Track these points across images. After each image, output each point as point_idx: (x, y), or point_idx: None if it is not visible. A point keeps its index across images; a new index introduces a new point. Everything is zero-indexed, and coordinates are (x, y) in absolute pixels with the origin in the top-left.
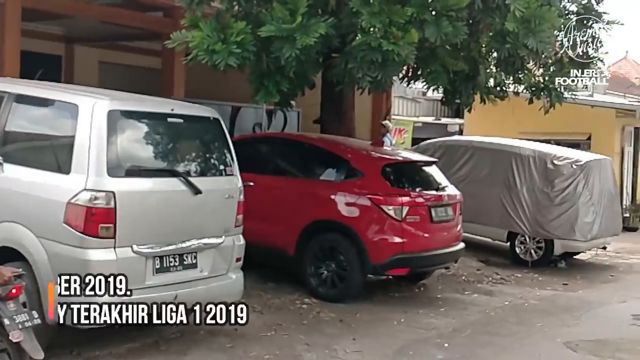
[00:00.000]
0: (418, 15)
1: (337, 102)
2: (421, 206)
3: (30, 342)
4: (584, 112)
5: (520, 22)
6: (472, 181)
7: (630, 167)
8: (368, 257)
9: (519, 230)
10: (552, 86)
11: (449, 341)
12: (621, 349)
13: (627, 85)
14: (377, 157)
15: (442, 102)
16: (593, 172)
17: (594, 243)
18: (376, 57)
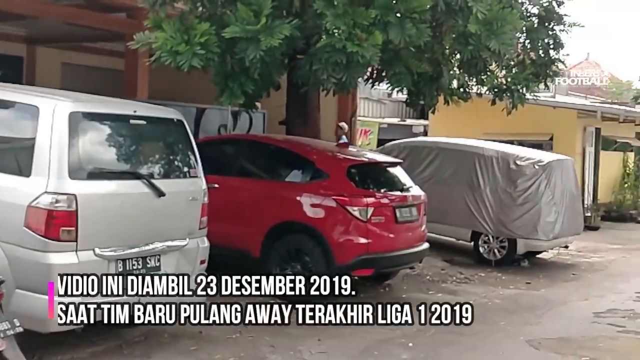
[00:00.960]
0: (382, 17)
1: (303, 104)
2: (386, 207)
3: (13, 350)
4: (546, 113)
5: (483, 24)
6: (436, 182)
7: (591, 167)
8: (333, 258)
9: (482, 230)
10: (514, 87)
11: (414, 341)
12: (583, 347)
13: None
14: (342, 159)
15: (406, 103)
16: (555, 172)
17: (556, 242)
18: (341, 58)
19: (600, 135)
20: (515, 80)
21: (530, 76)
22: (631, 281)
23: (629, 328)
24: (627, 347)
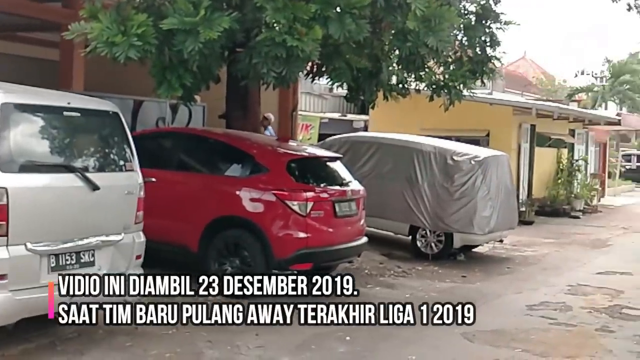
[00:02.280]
0: (322, 12)
1: (243, 97)
2: (325, 201)
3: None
4: (483, 109)
5: (421, 21)
6: (376, 176)
7: (526, 163)
8: (272, 253)
9: (420, 224)
10: (451, 84)
11: (351, 334)
12: (516, 339)
13: (524, 83)
14: (282, 153)
15: (346, 98)
16: (491, 167)
17: (491, 236)
18: (280, 52)
19: (535, 131)
20: (453, 77)
21: (467, 73)
22: (563, 275)
23: (560, 320)
24: (558, 339)
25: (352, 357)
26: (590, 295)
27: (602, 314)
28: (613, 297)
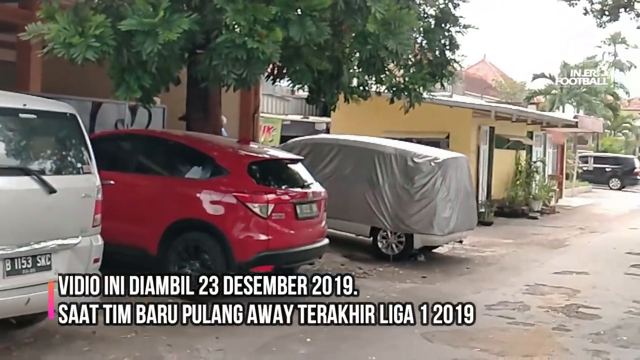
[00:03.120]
0: (282, 14)
1: (203, 99)
2: (286, 203)
3: None
4: (443, 112)
5: (381, 24)
6: (337, 178)
7: (485, 164)
8: (233, 255)
9: (381, 226)
10: (411, 87)
11: (312, 336)
12: (475, 338)
13: (484, 86)
14: (243, 155)
15: (307, 100)
16: (450, 169)
17: (451, 237)
18: (241, 54)
19: (494, 133)
20: (413, 80)
21: (427, 76)
22: (522, 275)
23: (518, 320)
24: (515, 338)
25: (312, 359)
26: (547, 295)
27: (559, 313)
28: (570, 297)
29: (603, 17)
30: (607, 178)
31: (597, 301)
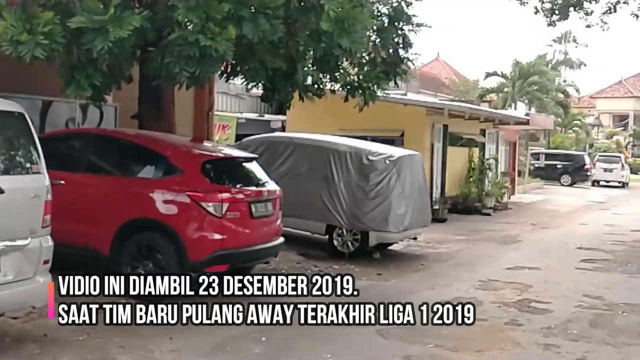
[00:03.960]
0: (235, 11)
1: (156, 97)
2: (241, 202)
3: None
4: (397, 110)
5: (334, 22)
6: (293, 177)
7: (439, 162)
8: (187, 255)
9: (336, 223)
10: (365, 85)
11: (267, 335)
12: (428, 334)
13: (438, 84)
14: (197, 154)
15: (261, 98)
16: (405, 166)
17: (405, 234)
18: (193, 52)
19: (448, 131)
20: (367, 78)
21: (380, 74)
22: (475, 270)
23: None
24: (469, 333)
25: (267, 358)
26: (500, 290)
27: (511, 308)
28: (522, 292)
29: (553, 16)
30: (558, 174)
31: (548, 296)
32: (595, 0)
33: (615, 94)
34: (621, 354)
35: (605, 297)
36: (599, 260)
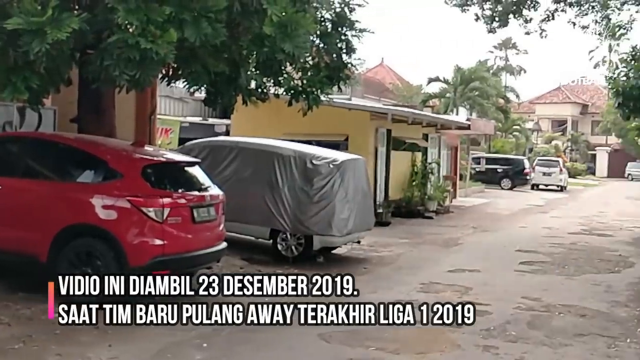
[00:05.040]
0: (177, 14)
1: (96, 100)
2: (183, 207)
3: None
4: (342, 114)
5: (277, 27)
6: (237, 181)
7: (383, 166)
8: (127, 261)
9: (280, 228)
10: (309, 89)
11: (208, 341)
12: (370, 337)
13: (382, 89)
14: (138, 158)
15: (204, 102)
16: (348, 171)
17: (349, 238)
18: (134, 55)
19: (391, 136)
20: (311, 83)
21: (324, 79)
22: (417, 273)
23: None
24: (410, 336)
25: None
26: (441, 293)
27: None
28: (462, 294)
29: (493, 22)
30: (498, 178)
31: (487, 298)
32: (534, 7)
33: (554, 99)
34: (557, 354)
35: (542, 298)
36: (537, 262)
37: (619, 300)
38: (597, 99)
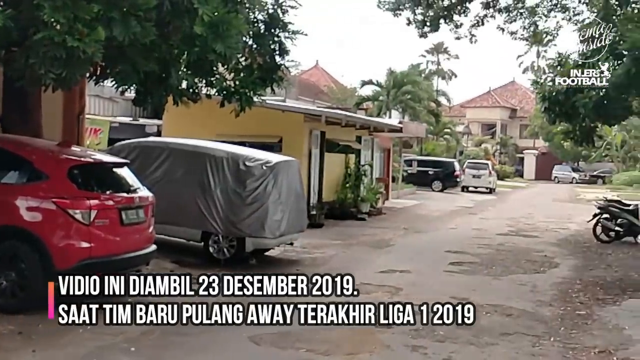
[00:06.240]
0: (105, 12)
1: (21, 100)
2: (111, 209)
3: None
4: (276, 116)
5: (208, 27)
6: (168, 182)
7: (317, 168)
8: (53, 264)
9: (212, 230)
10: (242, 90)
11: (137, 345)
12: (300, 339)
13: (316, 91)
14: (64, 159)
15: (134, 102)
16: (282, 172)
17: (282, 240)
18: (60, 53)
19: (325, 138)
20: (243, 84)
21: (257, 80)
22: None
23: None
24: (340, 337)
25: None
26: (372, 293)
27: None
28: (393, 294)
29: (425, 27)
30: (430, 180)
31: (417, 298)
32: (464, 13)
33: (484, 103)
34: (484, 353)
35: (470, 298)
36: (466, 263)
37: (544, 299)
38: (525, 104)
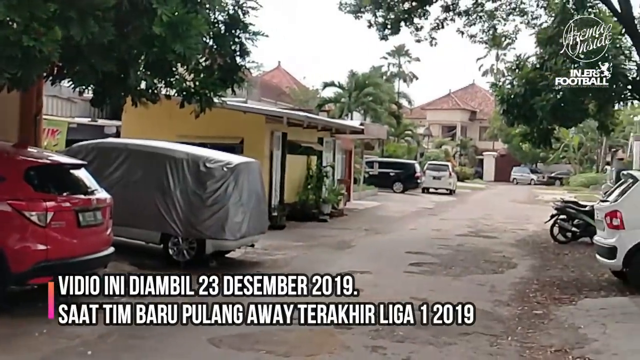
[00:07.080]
0: (62, 12)
1: None
2: (67, 211)
3: None
4: (237, 117)
5: (168, 27)
6: (126, 184)
7: (278, 169)
8: (8, 267)
9: (172, 232)
10: (202, 91)
11: (93, 348)
12: (260, 341)
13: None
14: (20, 160)
15: (91, 103)
16: (243, 174)
17: (243, 241)
18: (15, 52)
19: (287, 139)
20: (203, 84)
21: (217, 81)
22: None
23: (303, 319)
24: (300, 338)
25: None
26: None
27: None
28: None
29: (385, 30)
30: (391, 182)
31: (377, 299)
32: (424, 16)
33: (444, 106)
34: (442, 353)
35: (429, 298)
36: (426, 263)
37: (502, 299)
38: (485, 106)
